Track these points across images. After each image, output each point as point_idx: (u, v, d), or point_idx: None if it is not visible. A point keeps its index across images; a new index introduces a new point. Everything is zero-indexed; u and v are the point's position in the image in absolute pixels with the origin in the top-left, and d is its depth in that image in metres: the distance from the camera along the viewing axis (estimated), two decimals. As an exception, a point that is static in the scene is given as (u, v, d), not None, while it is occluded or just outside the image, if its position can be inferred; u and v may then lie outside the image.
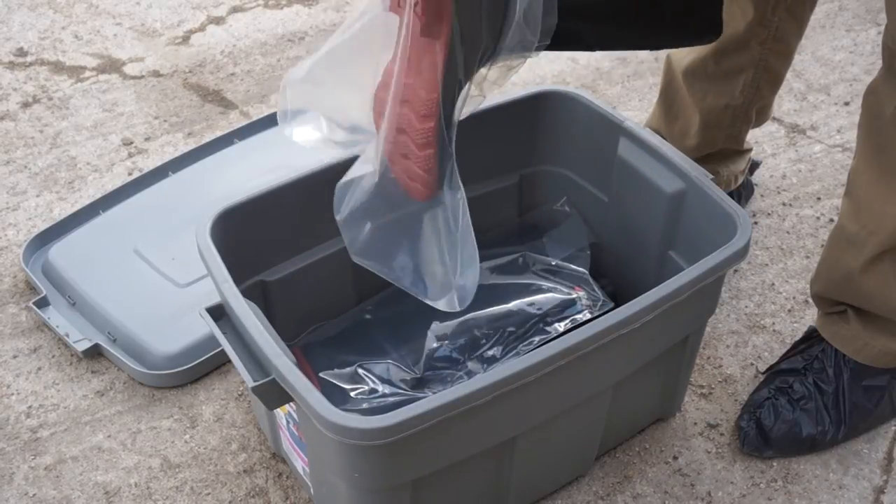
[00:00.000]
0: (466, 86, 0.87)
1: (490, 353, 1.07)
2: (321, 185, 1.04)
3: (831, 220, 1.44)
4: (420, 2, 0.82)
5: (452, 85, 0.85)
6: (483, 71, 0.87)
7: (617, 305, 0.92)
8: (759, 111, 1.31)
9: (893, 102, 0.98)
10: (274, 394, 0.84)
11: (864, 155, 1.05)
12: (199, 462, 1.12)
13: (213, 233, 0.95)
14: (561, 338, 0.86)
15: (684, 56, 1.27)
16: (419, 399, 0.81)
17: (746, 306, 1.31)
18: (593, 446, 1.07)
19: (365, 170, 0.92)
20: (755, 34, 1.20)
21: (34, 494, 1.09)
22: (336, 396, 1.03)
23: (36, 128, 1.62)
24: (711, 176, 1.03)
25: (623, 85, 1.75)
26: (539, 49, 0.85)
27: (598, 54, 1.82)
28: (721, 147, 1.33)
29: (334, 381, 1.04)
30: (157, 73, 1.76)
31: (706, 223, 1.01)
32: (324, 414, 0.78)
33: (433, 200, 0.92)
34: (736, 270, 1.36)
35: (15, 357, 1.24)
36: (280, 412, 1.00)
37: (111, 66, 1.78)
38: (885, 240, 1.03)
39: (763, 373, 1.20)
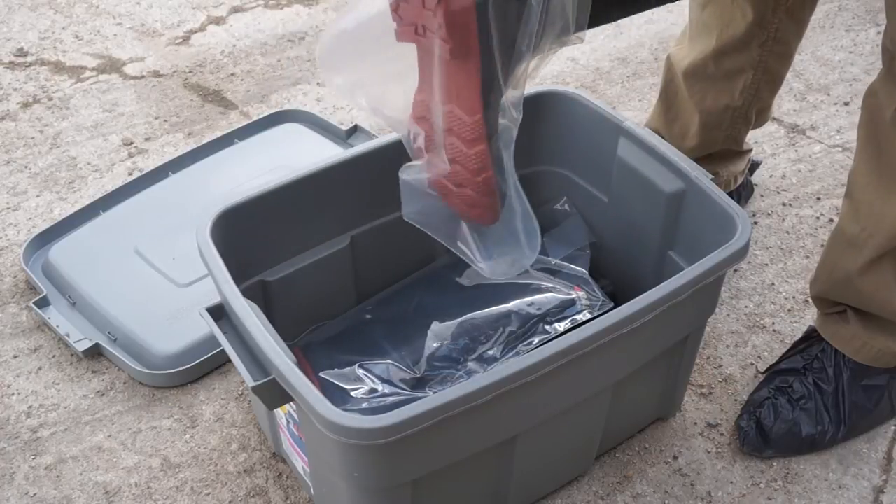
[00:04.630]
0: (506, 91, 0.84)
1: (490, 353, 1.07)
2: (321, 185, 1.04)
3: (831, 220, 1.44)
4: (443, 26, 0.78)
5: (492, 100, 0.83)
6: (522, 67, 0.85)
7: (617, 305, 0.92)
8: (758, 112, 1.31)
9: (893, 104, 0.98)
10: (274, 393, 0.84)
11: (863, 157, 1.05)
12: (199, 462, 1.12)
13: (214, 233, 0.95)
14: (561, 338, 0.86)
15: (684, 57, 1.27)
16: (419, 399, 0.81)
17: (746, 306, 1.31)
18: (593, 446, 1.07)
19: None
20: (755, 36, 1.20)
21: (35, 494, 1.09)
22: (336, 396, 1.03)
23: (36, 128, 1.62)
24: (711, 176, 1.03)
25: (623, 85, 1.75)
26: (575, 41, 0.82)
27: (599, 54, 1.82)
28: (720, 148, 1.33)
29: (334, 381, 1.04)
30: (157, 74, 1.76)
31: (706, 223, 1.01)
32: (324, 414, 0.78)
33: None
34: (736, 270, 1.36)
35: (15, 357, 1.24)
36: (280, 412, 1.00)
37: (111, 66, 1.78)
38: (885, 242, 1.03)
39: (763, 372, 1.20)
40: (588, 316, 1.10)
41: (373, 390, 1.03)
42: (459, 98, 0.82)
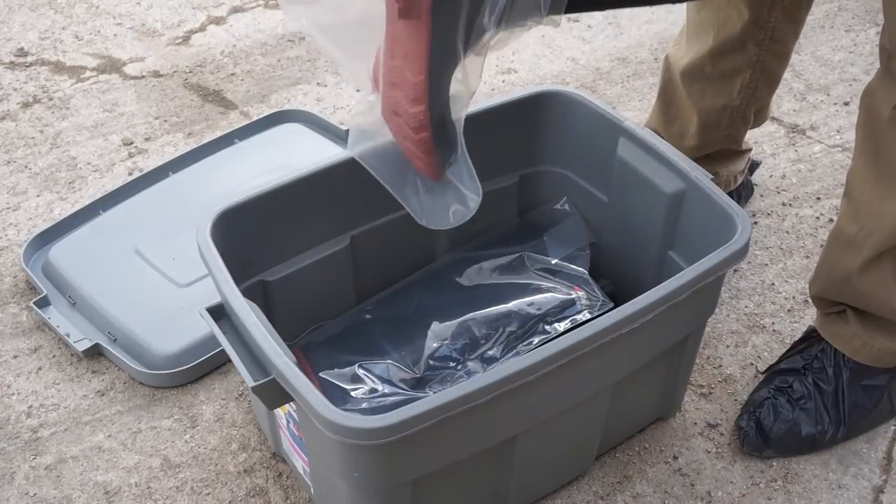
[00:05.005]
0: (462, 60, 0.84)
1: (490, 353, 1.07)
2: (321, 185, 1.04)
3: (831, 220, 1.44)
4: None
5: (441, 65, 0.84)
6: (485, 37, 0.84)
7: (617, 305, 0.92)
8: (757, 112, 1.31)
9: (891, 104, 0.98)
10: (274, 393, 0.84)
11: (861, 156, 1.05)
12: (199, 462, 1.12)
13: (214, 233, 0.95)
14: (561, 338, 0.86)
15: (682, 57, 1.27)
16: (419, 399, 0.81)
17: (746, 306, 1.31)
18: (593, 446, 1.07)
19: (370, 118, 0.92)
20: (751, 35, 1.20)
21: (35, 494, 1.09)
22: (336, 396, 1.03)
23: (36, 128, 1.62)
24: (711, 176, 1.03)
25: (623, 85, 1.75)
26: (548, 21, 0.81)
27: (599, 54, 1.82)
28: (719, 147, 1.33)
29: (334, 381, 1.04)
30: (157, 74, 1.76)
31: (706, 223, 1.01)
32: (324, 413, 0.78)
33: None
34: (736, 270, 1.36)
35: (15, 357, 1.24)
36: (280, 412, 1.00)
37: (111, 66, 1.78)
38: (883, 241, 1.03)
39: (763, 372, 1.20)
40: (588, 316, 1.10)
41: (373, 390, 1.04)
42: (407, 57, 0.83)
